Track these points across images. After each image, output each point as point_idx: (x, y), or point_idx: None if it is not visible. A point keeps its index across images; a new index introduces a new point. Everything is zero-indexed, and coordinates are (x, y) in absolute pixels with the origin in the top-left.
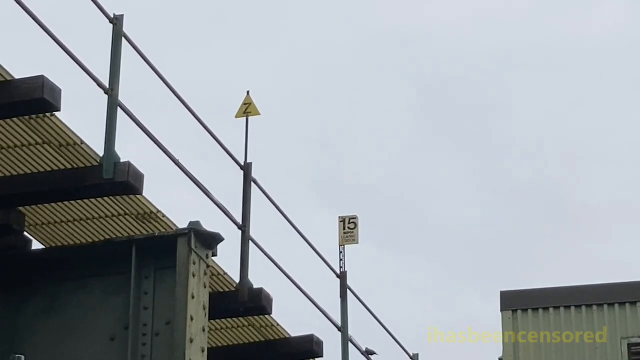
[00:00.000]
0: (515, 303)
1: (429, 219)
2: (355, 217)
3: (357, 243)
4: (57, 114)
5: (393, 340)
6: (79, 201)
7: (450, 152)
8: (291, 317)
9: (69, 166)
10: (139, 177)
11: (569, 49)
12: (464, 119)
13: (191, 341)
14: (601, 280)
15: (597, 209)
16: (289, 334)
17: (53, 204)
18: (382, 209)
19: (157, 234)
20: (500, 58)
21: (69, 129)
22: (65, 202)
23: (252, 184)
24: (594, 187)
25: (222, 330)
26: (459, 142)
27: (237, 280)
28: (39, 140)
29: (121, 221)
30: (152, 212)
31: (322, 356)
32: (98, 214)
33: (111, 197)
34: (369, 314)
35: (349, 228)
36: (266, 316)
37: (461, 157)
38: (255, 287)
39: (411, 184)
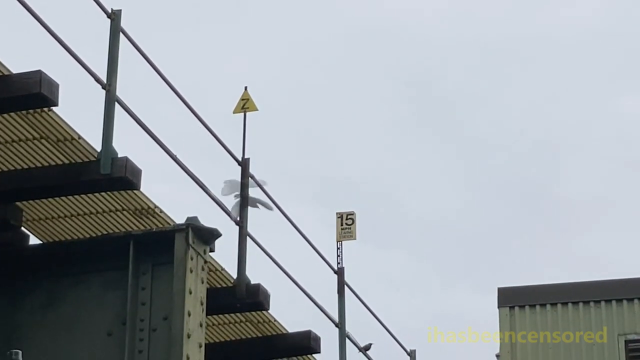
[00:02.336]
0: (513, 300)
1: (410, 212)
2: (352, 213)
3: (355, 239)
4: (54, 108)
5: (390, 337)
6: (76, 196)
7: (433, 146)
8: (288, 313)
9: (66, 161)
10: (137, 172)
11: (547, 42)
12: (445, 113)
13: (188, 337)
14: (582, 275)
15: (577, 203)
16: (286, 330)
17: (50, 199)
18: (364, 204)
19: (154, 230)
20: (482, 51)
21: (66, 124)
22: (63, 198)
23: (249, 179)
24: (574, 181)
25: (219, 326)
26: (441, 136)
27: (235, 276)
28: (37, 135)
29: (118, 216)
30: (149, 207)
31: (319, 352)
32: (95, 209)
33: (108, 193)
34: (366, 310)
35: (346, 224)
36: (263, 312)
37: (443, 152)
38: (252, 282)
39: (394, 178)
